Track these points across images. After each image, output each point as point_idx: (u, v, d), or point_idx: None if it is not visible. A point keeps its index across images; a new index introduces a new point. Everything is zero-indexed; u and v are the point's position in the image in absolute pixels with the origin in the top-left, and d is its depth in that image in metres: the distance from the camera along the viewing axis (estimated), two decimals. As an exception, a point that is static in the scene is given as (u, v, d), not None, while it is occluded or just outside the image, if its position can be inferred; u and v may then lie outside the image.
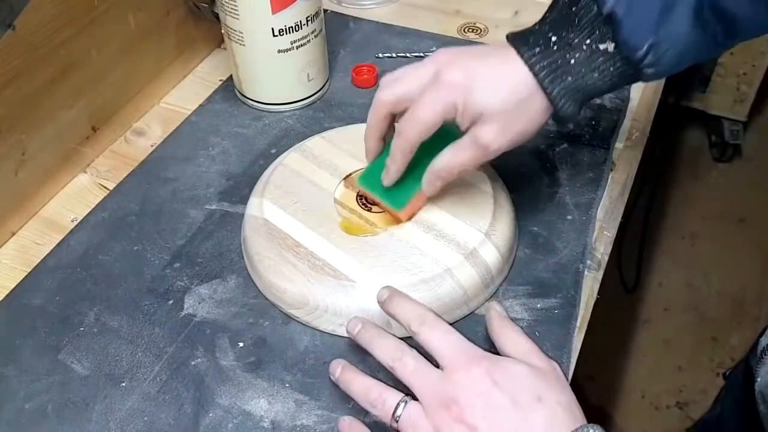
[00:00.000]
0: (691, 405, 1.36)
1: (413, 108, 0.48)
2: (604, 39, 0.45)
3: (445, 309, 0.53)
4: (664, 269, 1.60)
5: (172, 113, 0.75)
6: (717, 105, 1.73)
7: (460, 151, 0.49)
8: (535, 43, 0.47)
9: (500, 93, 0.46)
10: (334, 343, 0.53)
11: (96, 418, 0.49)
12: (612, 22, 0.44)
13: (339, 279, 0.53)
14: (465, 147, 0.48)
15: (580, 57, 0.46)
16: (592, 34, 0.45)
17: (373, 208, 0.58)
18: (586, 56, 0.46)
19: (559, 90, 0.46)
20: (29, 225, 0.64)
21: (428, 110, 0.47)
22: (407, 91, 0.49)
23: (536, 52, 0.46)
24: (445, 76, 0.47)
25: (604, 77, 0.46)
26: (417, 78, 0.49)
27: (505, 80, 0.47)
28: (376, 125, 0.52)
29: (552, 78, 0.46)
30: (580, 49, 0.46)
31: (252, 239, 0.57)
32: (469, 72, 0.47)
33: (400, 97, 0.49)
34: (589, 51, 0.46)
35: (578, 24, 0.46)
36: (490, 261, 0.54)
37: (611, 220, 0.62)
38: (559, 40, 0.46)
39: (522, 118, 0.47)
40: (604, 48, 0.45)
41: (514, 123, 0.47)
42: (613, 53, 0.45)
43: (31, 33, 0.59)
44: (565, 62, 0.46)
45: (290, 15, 0.67)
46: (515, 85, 0.47)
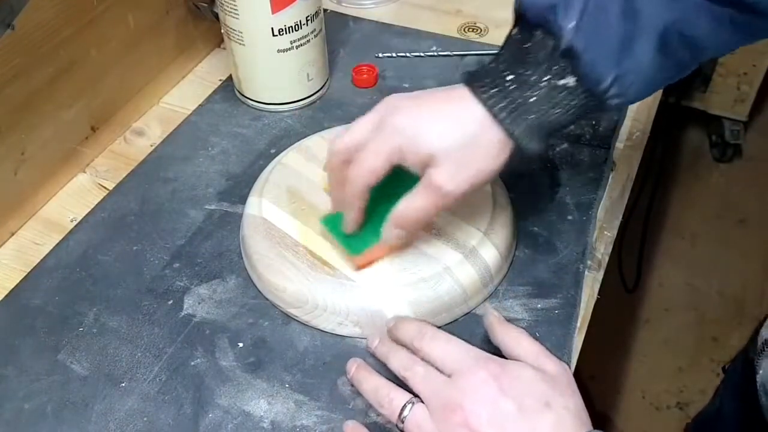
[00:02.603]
0: (691, 405, 1.36)
1: (360, 155, 0.47)
2: (564, 74, 0.43)
3: (444, 308, 0.53)
4: (665, 269, 1.60)
5: (171, 113, 0.75)
6: (717, 105, 1.73)
7: (415, 197, 0.47)
8: (491, 84, 0.44)
9: (447, 133, 0.45)
10: (334, 343, 0.53)
11: (95, 418, 0.49)
12: (571, 57, 0.42)
13: (338, 278, 0.53)
14: (419, 192, 0.46)
15: (539, 94, 0.44)
16: (550, 69, 0.43)
17: None
18: (546, 93, 0.44)
19: (522, 130, 0.44)
20: (28, 225, 0.64)
21: (372, 156, 0.46)
22: (355, 139, 0.47)
23: (492, 93, 0.44)
24: (389, 120, 0.46)
25: (566, 112, 0.44)
26: (364, 125, 0.47)
27: (455, 120, 0.45)
28: (334, 176, 0.51)
29: (513, 118, 0.44)
30: (539, 87, 0.43)
31: (251, 238, 0.57)
32: (414, 115, 0.46)
33: (349, 147, 0.48)
34: (549, 87, 0.43)
35: (534, 60, 0.43)
36: (489, 260, 0.54)
37: (611, 220, 0.62)
38: (515, 78, 0.44)
39: (476, 156, 0.45)
40: (564, 83, 0.43)
41: (467, 162, 0.45)
42: (574, 87, 0.43)
43: (30, 33, 0.59)
44: (524, 101, 0.44)
45: (290, 15, 0.66)
46: (463, 123, 0.45)
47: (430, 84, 0.76)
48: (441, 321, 0.53)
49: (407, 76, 0.77)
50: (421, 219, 0.48)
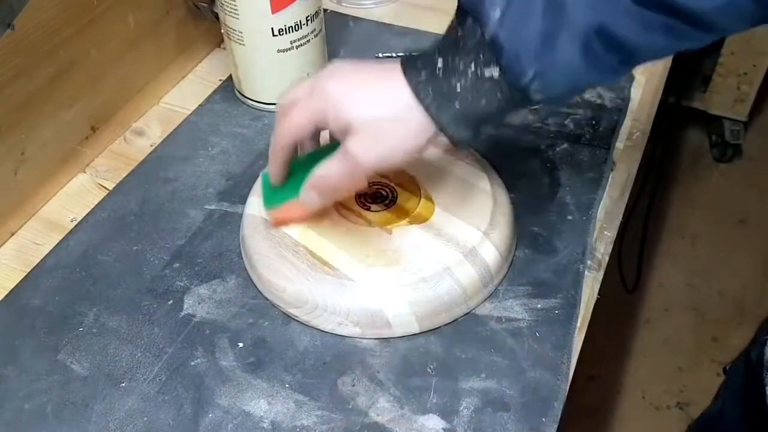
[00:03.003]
0: (691, 405, 1.36)
1: (287, 112, 0.49)
2: (489, 64, 0.42)
3: (444, 308, 0.53)
4: (665, 269, 1.59)
5: (171, 113, 0.75)
6: (717, 105, 1.73)
7: (332, 162, 0.47)
8: (422, 67, 0.44)
9: (369, 105, 0.45)
10: (335, 343, 0.53)
11: (95, 418, 0.49)
12: (495, 47, 0.42)
13: (338, 277, 0.53)
14: (336, 158, 0.47)
15: (465, 83, 0.43)
16: (476, 59, 0.43)
17: (372, 207, 0.58)
18: (472, 82, 0.43)
19: (447, 116, 0.44)
20: (28, 225, 0.64)
21: (298, 115, 0.48)
22: (291, 98, 0.49)
23: (422, 78, 0.44)
24: (321, 84, 0.47)
25: (491, 103, 0.44)
26: (302, 86, 0.49)
27: (380, 94, 0.46)
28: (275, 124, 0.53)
29: (438, 104, 0.44)
30: (466, 75, 0.43)
31: (251, 238, 0.57)
32: (343, 83, 0.47)
33: (284, 106, 0.50)
34: (474, 77, 0.43)
35: (463, 48, 0.43)
36: (489, 260, 0.54)
37: (611, 220, 0.62)
38: (445, 65, 0.44)
39: (393, 134, 0.45)
40: (490, 74, 0.43)
41: (383, 137, 0.46)
42: (498, 79, 0.43)
43: (30, 33, 0.59)
44: (450, 88, 0.44)
45: (290, 15, 0.66)
46: (387, 99, 0.45)
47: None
48: (441, 321, 0.54)
49: (407, 76, 0.77)
50: (334, 185, 0.49)
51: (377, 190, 0.59)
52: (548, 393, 0.50)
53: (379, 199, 0.58)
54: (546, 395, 0.50)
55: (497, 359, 0.52)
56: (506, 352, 0.52)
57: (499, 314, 0.54)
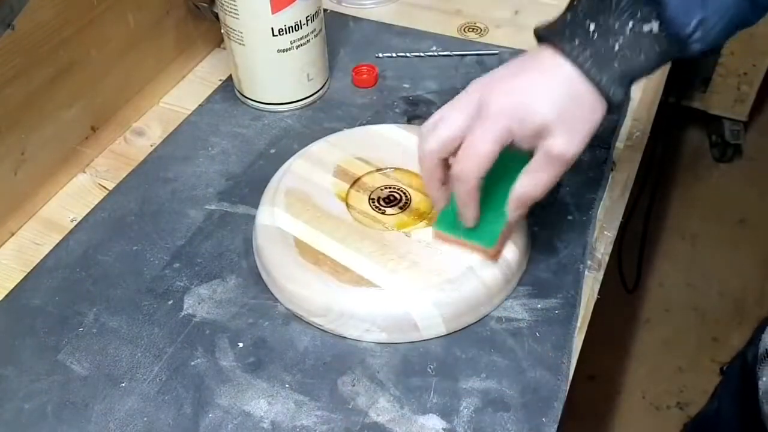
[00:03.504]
0: (691, 405, 1.35)
1: (466, 146, 0.46)
2: (648, 19, 0.43)
3: (470, 308, 0.53)
4: (665, 269, 1.59)
5: (171, 113, 0.75)
6: (717, 105, 1.73)
7: (538, 173, 0.46)
8: (573, 35, 0.44)
9: (552, 100, 0.44)
10: (335, 343, 0.53)
11: (95, 418, 0.49)
12: (655, 2, 0.42)
13: (362, 284, 0.52)
14: (541, 166, 0.46)
15: (623, 41, 0.43)
16: (633, 16, 0.43)
17: (387, 211, 0.58)
18: (630, 40, 0.43)
19: (608, 78, 0.44)
20: (28, 225, 0.64)
21: (484, 144, 0.45)
22: (453, 132, 0.46)
23: (576, 44, 0.44)
24: (492, 104, 0.45)
25: (650, 57, 0.44)
26: (459, 116, 0.46)
27: (552, 85, 0.45)
28: (431, 176, 0.50)
29: (599, 67, 0.44)
30: (623, 34, 0.43)
31: (267, 249, 0.56)
32: (513, 93, 0.45)
33: (446, 141, 0.47)
34: (633, 34, 0.43)
35: (617, 7, 0.43)
36: (510, 257, 0.54)
37: (612, 220, 0.62)
38: (598, 27, 0.44)
39: (583, 116, 0.45)
40: (649, 29, 0.43)
41: (578, 123, 0.45)
42: (658, 33, 0.43)
43: (30, 33, 0.59)
44: (608, 49, 0.44)
45: (290, 15, 0.66)
46: (563, 85, 0.45)
47: (430, 84, 0.76)
48: (467, 321, 0.53)
49: (407, 76, 0.77)
50: (544, 192, 0.47)
51: (390, 193, 0.59)
52: (548, 393, 0.50)
53: (393, 203, 0.58)
54: (546, 395, 0.50)
55: (497, 359, 0.52)
56: (506, 352, 0.52)
57: (499, 314, 0.54)
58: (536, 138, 0.45)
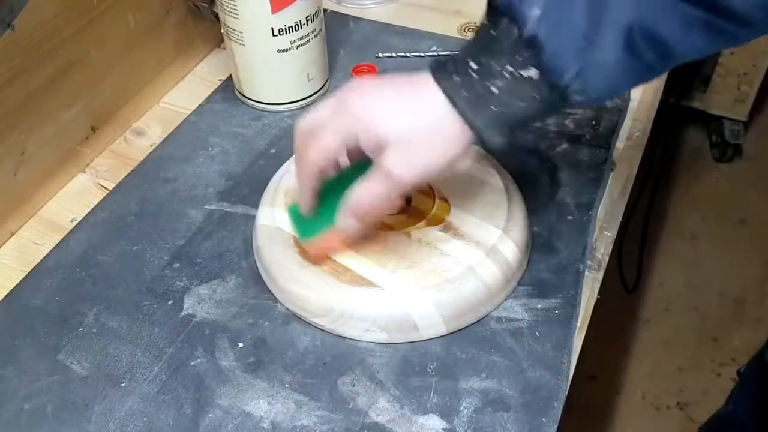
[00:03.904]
0: (691, 405, 1.35)
1: (314, 136, 0.46)
2: (527, 65, 0.41)
3: (470, 307, 0.53)
4: (665, 269, 1.59)
5: (171, 113, 0.75)
6: (717, 105, 1.73)
7: (369, 184, 0.46)
8: (455, 71, 0.43)
9: (404, 119, 0.44)
10: (335, 343, 0.53)
11: (95, 418, 0.49)
12: (534, 46, 0.41)
13: (363, 285, 0.52)
14: (373, 179, 0.45)
15: (502, 85, 0.42)
16: (513, 59, 0.42)
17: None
18: (509, 84, 0.42)
19: (483, 121, 0.43)
20: (28, 225, 0.64)
21: (327, 138, 0.45)
22: (314, 120, 0.47)
23: (456, 82, 0.43)
24: (349, 105, 0.45)
25: (530, 105, 0.43)
26: (324, 108, 0.47)
27: (412, 105, 0.44)
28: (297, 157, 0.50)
29: (474, 109, 0.43)
30: (502, 77, 0.42)
31: (267, 249, 0.56)
32: (372, 101, 0.45)
33: (308, 127, 0.47)
34: (512, 78, 0.42)
35: (499, 49, 0.42)
36: (510, 256, 0.54)
37: (612, 220, 0.62)
38: (480, 67, 0.43)
39: (431, 144, 0.44)
40: (528, 75, 0.42)
41: (420, 149, 0.44)
42: (537, 80, 0.42)
43: (30, 33, 0.59)
44: (487, 91, 0.42)
45: (290, 15, 0.66)
46: (421, 110, 0.44)
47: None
48: (467, 321, 0.53)
49: (407, 76, 0.77)
50: (373, 206, 0.47)
51: None
52: (548, 393, 0.50)
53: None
54: (546, 395, 0.50)
55: (497, 359, 0.52)
56: (506, 352, 0.52)
57: (499, 314, 0.54)
58: (378, 151, 0.45)
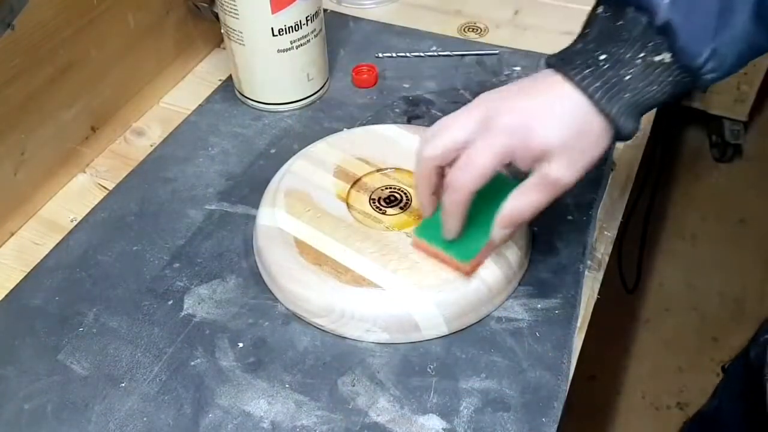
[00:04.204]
0: (691, 405, 1.35)
1: (465, 159, 0.45)
2: (660, 50, 0.42)
3: (471, 307, 0.53)
4: (665, 269, 1.59)
5: (171, 113, 0.75)
6: (717, 105, 1.73)
7: (530, 194, 0.46)
8: (584, 65, 0.44)
9: (557, 127, 0.44)
10: (335, 343, 0.53)
11: (95, 418, 0.49)
12: (667, 32, 0.42)
13: (364, 285, 0.52)
14: (534, 188, 0.45)
15: (634, 72, 0.43)
16: (645, 46, 0.43)
17: (388, 211, 0.58)
18: (641, 70, 0.43)
19: (618, 109, 0.44)
20: (28, 225, 0.64)
21: (483, 159, 0.45)
22: (454, 141, 0.46)
23: (587, 74, 0.43)
24: (498, 120, 0.45)
25: (662, 89, 0.44)
26: (462, 126, 0.46)
27: (561, 112, 0.44)
28: (425, 182, 0.49)
29: (609, 98, 0.43)
30: (634, 64, 0.43)
31: (268, 249, 0.56)
32: (521, 112, 0.45)
33: (447, 149, 0.46)
34: (644, 64, 0.43)
35: (628, 38, 0.43)
36: (511, 256, 0.54)
37: (611, 220, 0.62)
38: (609, 57, 0.43)
39: (586, 146, 0.45)
40: (660, 59, 0.43)
41: (578, 153, 0.44)
42: (669, 63, 0.43)
43: (30, 33, 0.59)
44: (619, 79, 0.43)
45: (290, 15, 0.66)
46: (571, 114, 0.44)
47: (430, 84, 0.76)
48: (468, 321, 0.53)
49: (407, 76, 0.77)
50: (533, 215, 0.47)
51: (391, 193, 0.59)
52: (548, 393, 0.50)
53: (393, 203, 0.58)
54: (546, 395, 0.50)
55: (497, 359, 0.52)
56: (506, 352, 0.52)
57: (499, 314, 0.54)
58: (536, 161, 0.45)
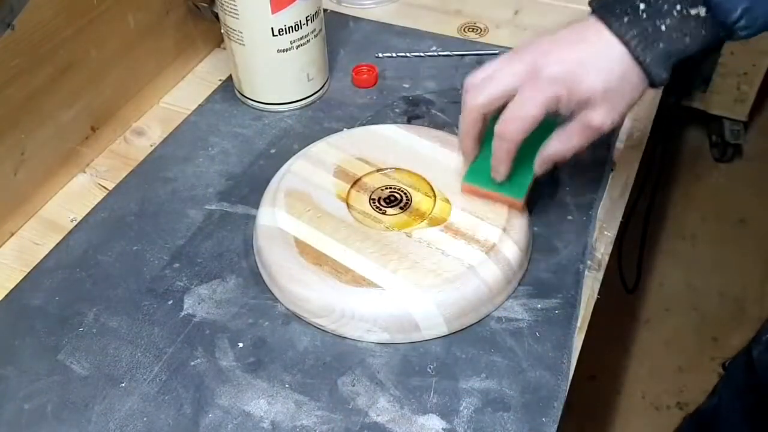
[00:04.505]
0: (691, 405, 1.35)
1: (514, 107, 0.49)
2: (696, 3, 0.44)
3: (471, 307, 0.53)
4: (665, 269, 1.59)
5: (171, 113, 0.75)
6: (717, 105, 1.73)
7: (571, 137, 0.49)
8: (623, 13, 0.46)
9: (601, 75, 0.46)
10: (335, 343, 0.53)
11: (95, 418, 0.49)
12: None
13: (364, 285, 0.52)
14: (576, 132, 0.49)
15: (670, 23, 0.45)
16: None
17: (388, 211, 0.58)
18: (677, 22, 0.45)
19: (652, 58, 0.46)
20: (28, 225, 0.64)
21: (532, 108, 0.48)
22: (502, 90, 0.49)
23: (625, 22, 0.46)
24: (545, 70, 0.47)
25: (695, 41, 0.45)
26: (510, 75, 0.49)
27: (603, 61, 0.47)
28: (470, 129, 0.52)
29: (644, 46, 0.46)
30: (671, 15, 0.45)
31: (268, 249, 0.56)
32: (567, 62, 0.47)
33: (495, 98, 0.50)
34: (680, 16, 0.45)
35: None
36: (511, 256, 0.54)
37: (611, 220, 0.62)
38: (647, 7, 0.45)
39: (626, 93, 0.47)
40: (696, 13, 0.44)
41: (619, 100, 0.47)
42: (705, 17, 0.44)
43: (30, 33, 0.59)
44: (655, 29, 0.45)
45: (290, 15, 0.66)
46: (612, 63, 0.46)
47: (430, 84, 0.76)
48: (468, 321, 0.53)
49: (407, 76, 0.77)
50: (573, 154, 0.51)
51: (391, 193, 0.59)
52: (548, 393, 0.50)
53: (393, 203, 0.58)
54: (546, 395, 0.50)
55: (497, 359, 0.52)
56: (506, 352, 0.52)
57: (499, 314, 0.54)
58: (579, 107, 0.47)
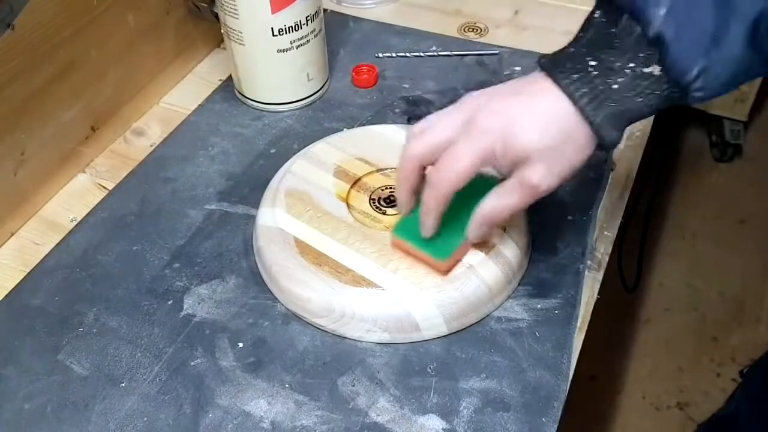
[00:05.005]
0: (691, 405, 1.36)
1: (446, 158, 0.46)
2: (650, 62, 0.42)
3: (471, 307, 0.53)
4: (665, 269, 1.59)
5: (171, 113, 0.75)
6: (717, 105, 1.73)
7: (507, 196, 0.46)
8: (572, 69, 0.43)
9: (541, 131, 0.43)
10: (334, 343, 0.53)
11: (95, 418, 0.49)
12: (659, 45, 0.41)
13: (364, 285, 0.52)
14: (512, 191, 0.45)
15: (623, 82, 0.42)
16: (635, 57, 0.42)
17: (388, 211, 0.58)
18: (630, 81, 0.42)
19: (603, 117, 0.43)
20: (28, 225, 0.64)
21: (464, 160, 0.45)
22: (437, 141, 0.46)
23: (574, 79, 0.43)
24: (480, 122, 0.44)
25: (648, 101, 0.43)
26: (446, 126, 0.46)
27: (545, 116, 0.44)
28: (406, 179, 0.49)
29: (595, 106, 0.43)
30: (623, 73, 0.42)
31: (268, 249, 0.56)
32: (504, 115, 0.44)
33: (432, 147, 0.47)
34: (633, 75, 0.42)
35: (619, 46, 0.42)
36: (511, 256, 0.54)
37: (611, 220, 0.62)
38: (599, 64, 0.42)
39: (567, 153, 0.44)
40: (649, 71, 0.42)
41: (560, 158, 0.44)
42: (659, 76, 0.42)
43: (30, 33, 0.59)
44: (606, 87, 0.42)
45: (290, 15, 0.66)
46: (556, 119, 0.44)
47: (430, 84, 0.76)
48: (469, 321, 0.53)
49: (407, 76, 0.77)
50: (509, 216, 0.47)
51: (391, 193, 0.59)
52: (548, 393, 0.50)
53: (393, 203, 0.58)
54: (546, 395, 0.50)
55: (497, 359, 0.52)
56: (506, 352, 0.52)
57: (499, 314, 0.54)
58: (515, 164, 0.44)
